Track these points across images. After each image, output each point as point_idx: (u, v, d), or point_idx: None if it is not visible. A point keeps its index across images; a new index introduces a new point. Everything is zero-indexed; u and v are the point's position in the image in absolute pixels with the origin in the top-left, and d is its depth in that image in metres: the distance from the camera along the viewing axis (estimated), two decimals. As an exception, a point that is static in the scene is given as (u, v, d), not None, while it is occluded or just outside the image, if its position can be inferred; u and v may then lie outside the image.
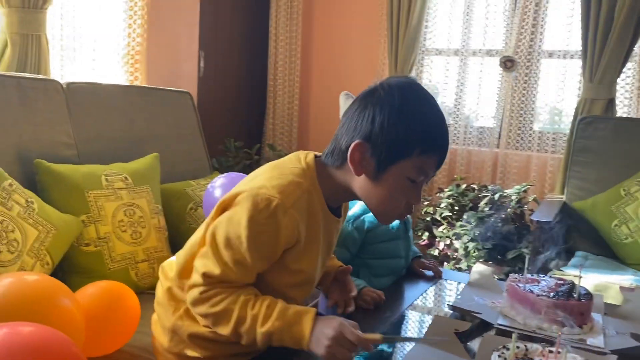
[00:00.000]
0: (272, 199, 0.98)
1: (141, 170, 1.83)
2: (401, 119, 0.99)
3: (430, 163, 1.02)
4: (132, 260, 1.67)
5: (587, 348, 1.14)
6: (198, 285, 1.02)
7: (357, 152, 1.01)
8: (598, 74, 2.75)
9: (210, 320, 1.02)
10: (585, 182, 2.59)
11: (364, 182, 1.04)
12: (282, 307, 0.99)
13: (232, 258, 0.99)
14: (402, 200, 1.04)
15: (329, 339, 0.94)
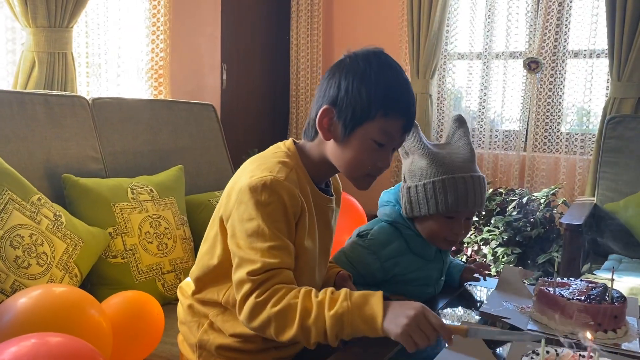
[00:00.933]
0: (265, 178, 1.02)
1: (166, 182, 1.85)
2: (364, 83, 1.04)
3: (394, 126, 1.06)
4: (158, 271, 1.68)
5: (620, 352, 1.10)
6: (249, 293, 0.98)
7: (325, 117, 1.07)
8: (627, 72, 2.68)
9: (273, 325, 0.96)
10: (616, 183, 2.53)
11: (333, 147, 1.09)
12: (347, 291, 0.96)
13: (262, 246, 0.99)
14: (368, 162, 1.08)
15: (409, 317, 0.90)
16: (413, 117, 1.09)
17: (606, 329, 1.21)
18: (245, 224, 1.01)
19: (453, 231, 1.28)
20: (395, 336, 0.91)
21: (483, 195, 1.28)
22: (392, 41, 3.43)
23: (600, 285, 1.31)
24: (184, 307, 1.20)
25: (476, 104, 3.27)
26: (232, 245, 1.04)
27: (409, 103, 1.08)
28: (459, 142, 1.32)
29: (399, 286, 1.33)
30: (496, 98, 3.21)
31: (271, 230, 1.00)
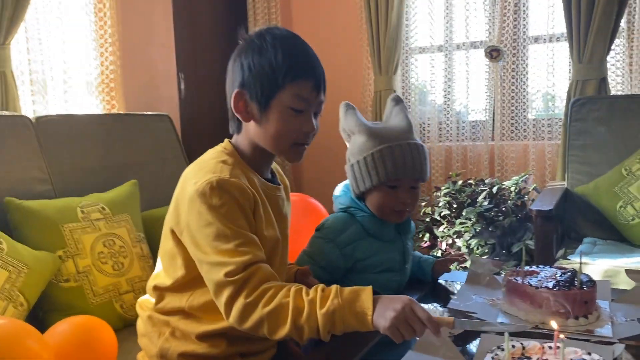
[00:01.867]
0: (210, 181, 1.01)
1: (119, 199, 1.77)
2: (264, 56, 1.06)
3: (305, 88, 1.07)
4: (115, 292, 1.60)
5: (591, 339, 1.05)
6: (234, 295, 0.97)
7: (239, 101, 1.08)
8: (586, 53, 2.67)
9: (266, 325, 0.96)
10: (585, 166, 2.51)
11: (255, 128, 1.09)
12: (337, 288, 0.97)
13: (229, 247, 0.98)
14: (292, 130, 1.08)
15: (396, 311, 0.90)
16: (321, 75, 1.10)
17: (577, 315, 1.16)
18: (205, 230, 1.00)
19: (399, 200, 1.28)
20: (383, 329, 0.91)
21: (423, 162, 1.29)
22: (353, 39, 3.38)
23: (569, 270, 1.26)
24: (144, 319, 1.18)
25: (441, 97, 3.23)
26: (198, 254, 1.01)
27: (312, 63, 1.09)
28: (396, 118, 1.34)
29: (363, 275, 1.31)
30: (460, 89, 3.18)
31: (232, 229, 0.99)
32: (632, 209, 2.24)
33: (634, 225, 2.23)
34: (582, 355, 0.85)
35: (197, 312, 1.10)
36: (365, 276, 1.31)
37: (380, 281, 1.31)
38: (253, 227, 1.05)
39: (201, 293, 1.08)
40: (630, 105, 2.48)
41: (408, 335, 0.91)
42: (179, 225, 1.05)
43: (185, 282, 1.09)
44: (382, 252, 1.32)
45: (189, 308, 1.10)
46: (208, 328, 1.08)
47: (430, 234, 2.71)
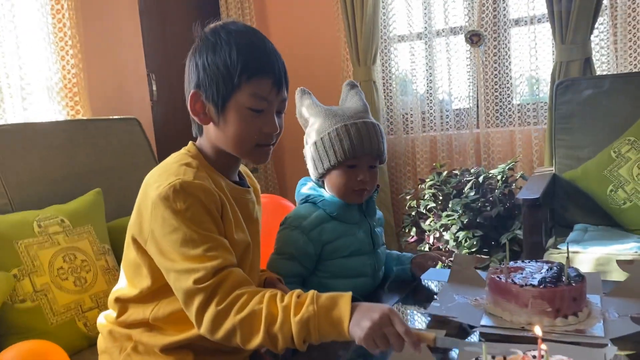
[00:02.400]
0: (173, 184, 0.96)
1: (81, 210, 1.67)
2: (218, 54, 1.00)
3: (263, 86, 1.01)
4: (78, 310, 1.50)
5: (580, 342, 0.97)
6: (205, 303, 0.91)
7: (195, 102, 1.03)
8: (569, 34, 2.59)
9: (239, 333, 0.90)
10: (573, 150, 2.42)
11: (215, 130, 1.04)
12: (314, 293, 0.90)
13: (197, 252, 0.93)
14: (253, 132, 1.02)
15: (373, 320, 0.84)
16: (281, 72, 1.04)
17: (566, 313, 1.08)
18: (171, 236, 0.95)
19: (358, 179, 1.26)
20: (358, 340, 0.85)
21: (379, 140, 1.28)
22: (330, 30, 3.29)
23: (555, 265, 1.18)
24: (104, 334, 1.13)
25: (423, 86, 3.14)
26: (165, 263, 0.96)
27: (270, 59, 1.03)
28: (351, 101, 1.34)
29: (335, 260, 1.28)
30: (442, 77, 3.08)
31: (199, 233, 0.94)
32: (623, 192, 2.16)
33: (626, 209, 2.15)
34: (569, 364, 0.76)
35: (161, 323, 1.04)
36: (336, 261, 1.28)
37: (353, 265, 1.29)
38: (222, 230, 1.00)
39: (167, 303, 1.03)
40: (616, 85, 2.39)
41: (383, 346, 0.85)
42: (143, 234, 1.00)
43: (151, 292, 1.04)
44: (348, 234, 1.29)
45: (153, 319, 1.04)
46: (173, 339, 1.02)
47: (417, 228, 2.62)
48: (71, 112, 2.22)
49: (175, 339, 1.02)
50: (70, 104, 2.20)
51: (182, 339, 1.02)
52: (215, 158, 1.07)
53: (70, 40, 2.16)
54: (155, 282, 1.02)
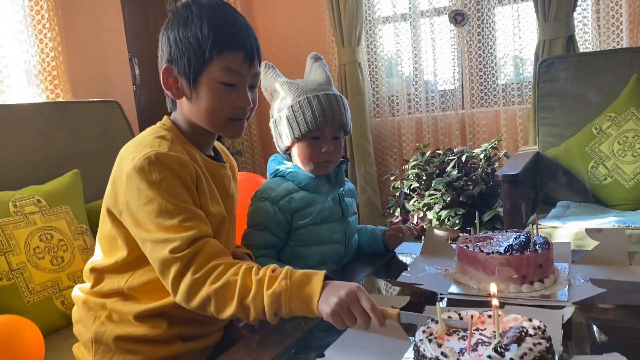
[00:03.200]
0: (148, 155, 0.96)
1: (58, 190, 1.66)
2: (189, 28, 1.01)
3: (235, 60, 1.01)
4: (55, 288, 1.50)
5: (544, 306, 0.98)
6: (182, 271, 0.93)
7: (168, 77, 1.04)
8: (552, 11, 2.58)
9: (213, 302, 0.92)
10: (556, 128, 2.43)
11: (188, 105, 1.05)
12: (288, 269, 0.92)
13: (172, 223, 0.94)
14: (226, 106, 1.03)
15: (340, 297, 0.86)
16: (252, 45, 1.04)
17: (532, 280, 1.08)
18: (146, 207, 0.95)
19: (322, 151, 1.28)
20: (326, 316, 0.87)
21: (342, 111, 1.29)
22: (315, 11, 3.27)
23: (523, 234, 1.18)
24: (78, 305, 1.13)
25: (409, 67, 3.13)
26: (141, 233, 0.96)
27: (241, 32, 1.03)
28: (315, 73, 1.35)
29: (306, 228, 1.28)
30: (428, 58, 3.08)
31: (174, 204, 0.95)
32: (604, 168, 2.17)
33: (606, 185, 2.16)
34: (522, 322, 0.77)
35: (136, 292, 1.05)
36: (307, 229, 1.29)
37: (323, 232, 1.30)
38: (197, 202, 1.01)
39: (142, 273, 1.05)
40: (598, 62, 2.39)
41: (350, 323, 0.86)
42: (118, 206, 1.00)
43: (126, 263, 1.05)
44: (317, 202, 1.30)
45: (127, 289, 1.05)
46: (147, 307, 1.04)
47: (401, 208, 2.63)
48: (51, 96, 2.21)
49: (149, 307, 1.03)
50: (50, 88, 2.19)
51: (156, 306, 1.03)
52: (189, 132, 1.08)
53: (48, 23, 2.15)
54: (130, 253, 1.03)
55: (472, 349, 0.71)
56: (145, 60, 2.91)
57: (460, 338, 0.75)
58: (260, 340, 0.97)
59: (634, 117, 2.16)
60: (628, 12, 2.58)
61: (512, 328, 0.75)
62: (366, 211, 3.11)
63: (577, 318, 0.93)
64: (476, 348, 0.71)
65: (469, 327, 0.72)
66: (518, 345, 0.70)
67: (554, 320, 0.88)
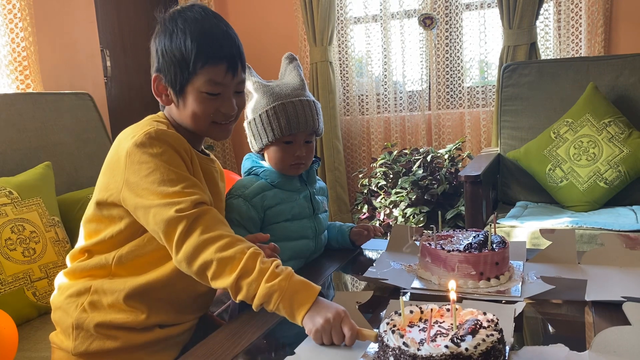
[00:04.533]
0: (148, 132, 1.03)
1: (29, 182, 1.67)
2: (174, 42, 1.07)
3: (218, 72, 1.07)
4: (26, 279, 1.52)
5: (499, 301, 1.05)
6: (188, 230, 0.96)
7: (158, 85, 1.11)
8: (516, 19, 2.69)
9: (213, 268, 0.95)
10: (517, 131, 2.53)
11: (176, 111, 1.12)
12: (290, 271, 0.96)
13: (176, 189, 0.99)
14: (209, 112, 1.09)
15: (325, 319, 0.90)
16: (234, 56, 1.09)
17: (489, 276, 1.16)
18: (148, 177, 1.00)
19: (295, 155, 1.32)
20: (308, 331, 0.92)
21: (315, 117, 1.33)
22: (288, 9, 3.31)
23: (482, 233, 1.26)
24: (61, 290, 1.14)
25: (378, 67, 3.21)
26: (143, 202, 1.00)
27: (223, 45, 1.08)
28: (289, 76, 1.39)
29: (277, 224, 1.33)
30: (397, 59, 3.16)
31: (176, 173, 1.01)
32: (561, 171, 2.28)
33: (562, 187, 2.27)
34: (477, 315, 0.84)
35: (122, 269, 1.09)
36: (279, 225, 1.33)
37: (294, 228, 1.35)
38: (191, 173, 1.07)
39: (129, 247, 1.08)
40: (558, 69, 2.50)
41: (327, 342, 0.91)
42: (112, 190, 1.05)
43: (114, 240, 1.09)
44: (289, 200, 1.35)
45: (116, 262, 1.08)
46: (133, 284, 1.07)
47: (368, 205, 2.70)
48: (21, 87, 2.19)
49: (135, 284, 1.07)
50: (20, 78, 2.18)
51: (142, 283, 1.07)
52: (180, 130, 1.14)
53: (19, 13, 2.13)
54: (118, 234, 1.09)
55: (431, 340, 0.77)
56: (117, 52, 2.91)
57: (421, 330, 0.82)
58: (235, 331, 1.01)
59: (589, 123, 2.28)
60: (587, 23, 2.71)
61: (468, 321, 0.81)
62: (334, 207, 3.18)
63: (528, 312, 1.02)
64: (435, 339, 0.78)
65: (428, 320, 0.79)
66: (472, 337, 0.76)
67: (507, 314, 0.95)
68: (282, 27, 3.34)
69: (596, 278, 1.15)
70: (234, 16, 3.46)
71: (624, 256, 1.22)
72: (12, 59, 2.16)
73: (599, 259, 1.24)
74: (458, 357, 0.73)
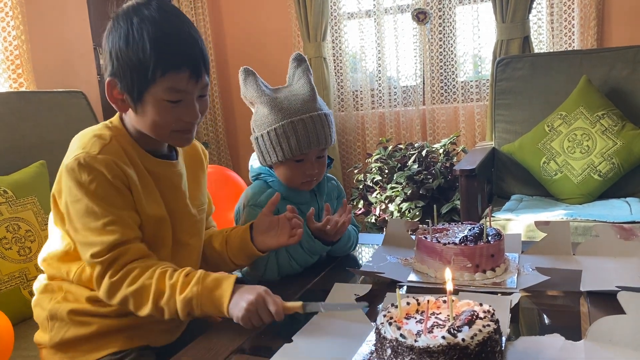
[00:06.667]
0: (78, 157, 0.97)
1: (24, 181, 1.67)
2: (130, 45, 0.96)
3: (180, 80, 0.98)
4: (22, 278, 1.51)
5: (495, 293, 1.06)
6: (101, 274, 0.99)
7: (112, 90, 1.01)
8: (509, 13, 2.69)
9: (131, 302, 0.98)
10: (511, 125, 2.54)
11: (134, 116, 1.03)
12: (201, 274, 0.98)
13: (96, 225, 0.97)
14: (171, 121, 1.01)
15: (248, 302, 0.93)
16: (197, 61, 0.99)
17: (485, 269, 1.17)
18: (75, 205, 0.99)
19: (306, 173, 1.27)
20: (236, 319, 0.94)
21: (327, 131, 1.26)
22: (282, 6, 3.30)
23: (477, 226, 1.27)
24: (38, 289, 1.14)
25: (372, 63, 3.21)
26: (70, 229, 1.01)
27: (185, 51, 0.99)
28: (299, 82, 1.29)
29: None
30: (391, 55, 3.16)
31: (101, 207, 0.98)
32: (555, 164, 2.29)
33: (557, 180, 2.28)
34: (474, 306, 0.84)
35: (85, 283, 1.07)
36: None
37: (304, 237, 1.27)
38: (131, 203, 1.02)
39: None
40: (552, 62, 2.51)
41: (257, 324, 0.94)
42: (58, 192, 1.04)
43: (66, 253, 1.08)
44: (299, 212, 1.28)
45: (77, 281, 1.08)
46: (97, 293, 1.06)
47: (364, 200, 2.71)
48: (14, 85, 2.18)
49: None
50: (13, 77, 2.17)
51: None
52: (137, 136, 1.07)
53: (11, 11, 2.12)
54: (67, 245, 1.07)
55: (428, 331, 0.78)
56: (110, 50, 2.90)
57: (418, 321, 0.82)
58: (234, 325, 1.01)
59: (583, 116, 2.29)
60: (579, 16, 2.71)
61: (465, 312, 0.82)
62: (330, 203, 3.18)
63: (524, 303, 1.02)
64: (432, 330, 0.78)
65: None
66: (469, 327, 0.77)
67: (503, 305, 0.96)
68: (275, 24, 3.34)
69: (591, 268, 1.15)
70: (226, 12, 3.45)
71: (618, 247, 1.23)
72: (5, 57, 2.15)
73: (593, 250, 1.25)
74: (455, 347, 0.73)
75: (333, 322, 0.97)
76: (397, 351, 0.75)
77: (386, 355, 0.77)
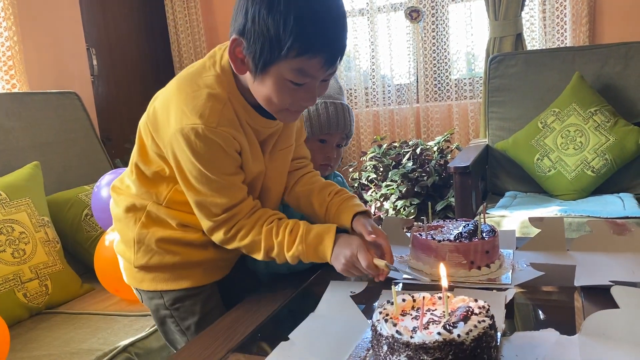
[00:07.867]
0: (196, 127, 0.95)
1: (18, 183, 1.67)
2: (272, 13, 0.87)
3: (313, 64, 0.91)
4: (17, 281, 1.51)
5: (490, 289, 1.06)
6: (214, 228, 1.05)
7: (235, 47, 0.94)
8: (502, 10, 2.70)
9: (244, 250, 1.08)
10: (505, 122, 2.55)
11: (250, 80, 0.98)
12: (303, 230, 1.05)
13: (209, 189, 1.01)
14: (287, 101, 0.97)
15: (345, 258, 1.02)
16: (337, 49, 0.92)
17: (480, 265, 1.17)
18: (188, 165, 1.00)
19: (325, 155, 1.38)
20: (338, 270, 1.05)
21: (351, 122, 1.40)
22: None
23: (471, 222, 1.27)
24: (119, 204, 1.14)
25: (366, 62, 3.21)
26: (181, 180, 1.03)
27: (330, 37, 0.91)
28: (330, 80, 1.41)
29: None
30: (384, 53, 3.16)
31: (214, 174, 1.00)
32: (548, 160, 2.30)
33: (551, 177, 2.29)
34: (469, 302, 0.85)
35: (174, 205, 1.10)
36: None
37: None
38: (239, 163, 1.04)
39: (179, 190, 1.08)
40: (544, 59, 2.52)
41: (358, 274, 1.05)
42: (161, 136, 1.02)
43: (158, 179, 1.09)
44: None
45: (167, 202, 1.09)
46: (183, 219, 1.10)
47: (360, 199, 2.71)
48: (7, 86, 2.17)
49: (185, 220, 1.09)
50: (6, 78, 2.16)
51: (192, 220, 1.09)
52: (245, 93, 1.02)
53: (3, 12, 2.11)
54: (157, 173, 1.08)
55: (424, 327, 0.78)
56: (103, 50, 2.89)
57: (414, 318, 0.83)
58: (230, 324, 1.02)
59: (575, 113, 2.30)
60: (572, 13, 2.73)
61: (460, 308, 0.82)
62: (325, 202, 3.18)
63: (519, 299, 1.03)
64: (427, 326, 0.79)
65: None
66: (464, 323, 0.77)
67: (498, 300, 0.97)
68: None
69: (585, 264, 1.16)
70: (219, 11, 3.45)
71: (612, 242, 1.24)
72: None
73: (587, 245, 1.25)
74: (451, 343, 0.74)
75: (329, 319, 0.97)
76: (393, 348, 0.76)
77: (382, 351, 0.77)
